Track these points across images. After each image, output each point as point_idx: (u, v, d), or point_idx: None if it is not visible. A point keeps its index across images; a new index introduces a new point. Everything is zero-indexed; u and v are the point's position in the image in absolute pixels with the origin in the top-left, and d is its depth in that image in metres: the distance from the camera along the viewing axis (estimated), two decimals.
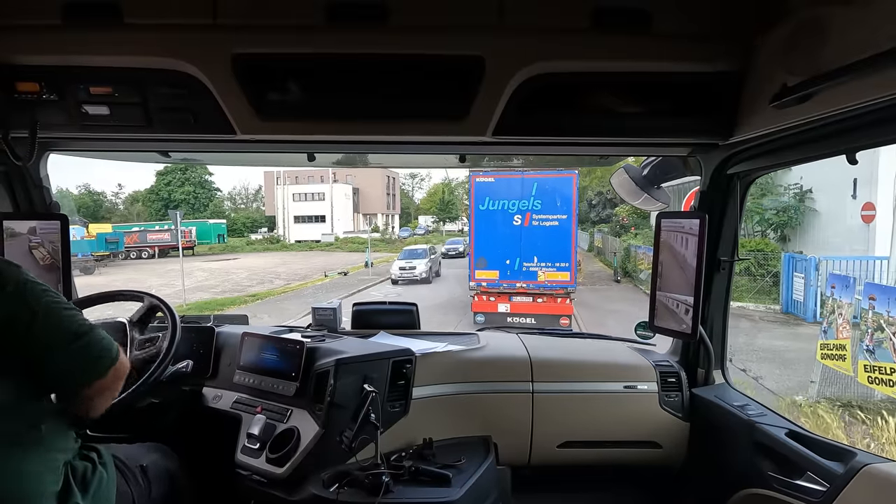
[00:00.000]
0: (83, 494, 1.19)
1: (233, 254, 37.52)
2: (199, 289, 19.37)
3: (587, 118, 1.54)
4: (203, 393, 2.01)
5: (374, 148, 1.89)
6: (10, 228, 1.86)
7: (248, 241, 46.11)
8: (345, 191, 50.90)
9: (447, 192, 58.07)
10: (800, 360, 8.43)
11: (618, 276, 19.81)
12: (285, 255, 37.37)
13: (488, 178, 10.84)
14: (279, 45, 1.41)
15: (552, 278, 10.67)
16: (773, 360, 8.47)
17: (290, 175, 49.64)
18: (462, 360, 2.08)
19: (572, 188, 10.58)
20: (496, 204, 10.92)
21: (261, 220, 56.25)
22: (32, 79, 1.46)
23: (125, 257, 31.17)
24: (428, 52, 1.42)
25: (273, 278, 23.22)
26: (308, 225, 48.39)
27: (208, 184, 53.19)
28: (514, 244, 10.82)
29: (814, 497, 1.43)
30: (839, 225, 12.30)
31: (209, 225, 41.36)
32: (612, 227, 27.44)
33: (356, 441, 1.65)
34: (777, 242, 14.26)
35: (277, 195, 50.28)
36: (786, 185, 13.86)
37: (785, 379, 7.49)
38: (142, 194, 53.29)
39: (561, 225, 10.67)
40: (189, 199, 50.81)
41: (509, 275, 10.85)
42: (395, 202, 60.82)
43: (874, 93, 1.04)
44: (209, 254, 37.09)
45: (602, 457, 2.08)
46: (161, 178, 50.84)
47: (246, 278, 22.99)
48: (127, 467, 1.45)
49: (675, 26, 1.38)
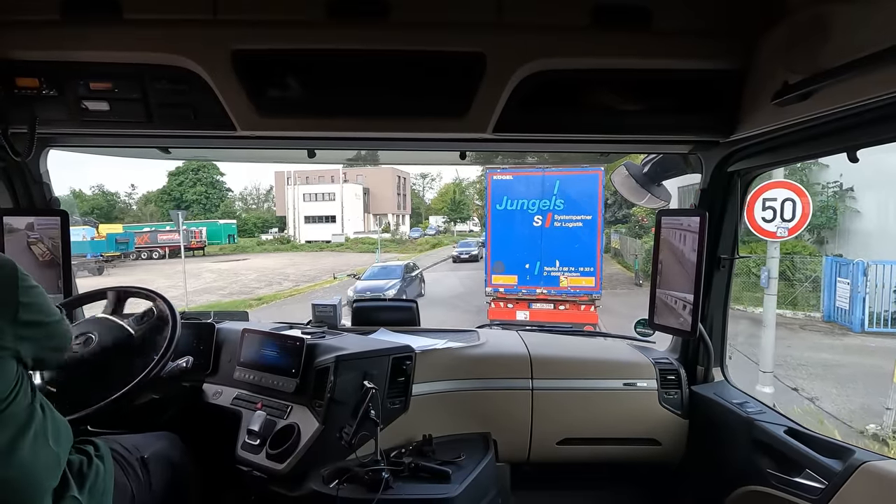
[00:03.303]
0: (80, 489, 1.18)
1: (243, 254, 37.70)
2: (206, 291, 19.13)
3: (588, 115, 1.54)
4: (203, 389, 2.02)
5: (374, 144, 1.89)
6: (11, 224, 1.86)
7: (258, 241, 46.31)
8: (355, 191, 50.88)
9: (458, 192, 57.92)
10: (856, 378, 7.63)
11: (639, 279, 19.02)
12: (295, 255, 37.50)
13: (506, 175, 10.07)
14: (279, 41, 1.41)
15: (575, 284, 9.91)
16: (826, 377, 7.65)
17: (301, 175, 49.86)
18: (462, 357, 2.09)
19: (598, 186, 9.80)
20: (514, 203, 10.13)
21: (272, 220, 56.44)
22: (32, 74, 1.45)
23: (136, 258, 31.17)
24: (428, 48, 1.41)
25: (282, 280, 23.09)
26: (318, 225, 48.49)
27: (220, 184, 53.55)
28: (534, 247, 10.03)
29: (812, 494, 1.43)
30: (884, 226, 11.42)
31: (219, 225, 41.70)
32: (630, 228, 26.96)
33: (356, 437, 1.65)
34: (813, 245, 13.35)
35: (288, 195, 50.39)
36: (824, 182, 12.93)
37: (844, 400, 6.69)
38: (154, 195, 53.55)
39: (585, 226, 9.88)
40: (201, 199, 51.18)
41: (529, 280, 10.08)
42: (406, 202, 60.82)
43: (876, 91, 1.03)
44: (219, 254, 37.43)
45: (601, 454, 2.09)
46: (173, 178, 51.20)
47: (254, 280, 22.87)
48: (126, 460, 1.44)
49: (676, 23, 1.38)
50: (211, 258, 34.31)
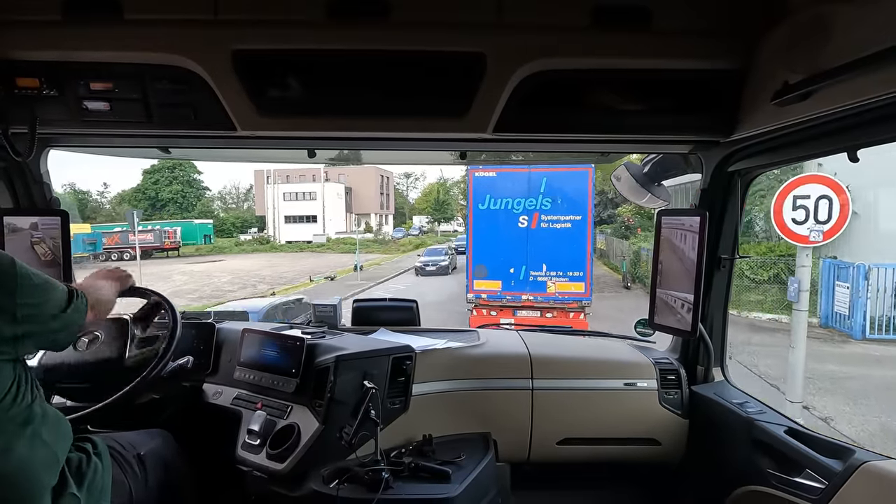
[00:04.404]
0: (78, 486, 1.20)
1: (219, 255, 37.11)
2: (175, 294, 18.21)
3: (588, 115, 1.53)
4: (203, 389, 2.02)
5: (374, 144, 1.88)
6: (13, 224, 1.87)
7: (236, 241, 45.80)
8: (337, 190, 50.33)
9: (442, 191, 57.39)
10: (868, 392, 7.06)
11: (627, 281, 18.55)
12: (274, 256, 36.93)
13: (489, 172, 9.34)
14: (279, 41, 1.41)
15: (564, 290, 9.24)
16: (836, 392, 7.05)
17: (281, 174, 49.33)
18: (462, 357, 2.09)
19: (587, 184, 9.15)
20: (498, 203, 9.45)
21: (251, 220, 55.81)
22: (32, 74, 1.45)
23: (105, 258, 30.23)
24: (429, 48, 1.42)
25: (257, 282, 22.30)
26: (299, 225, 47.92)
27: (197, 183, 53.02)
28: (519, 250, 9.37)
29: (812, 494, 1.43)
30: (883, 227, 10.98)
31: (195, 225, 41.28)
32: (615, 229, 26.63)
33: (356, 437, 1.64)
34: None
35: (267, 194, 49.83)
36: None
37: (861, 420, 6.08)
38: (128, 193, 52.83)
39: (574, 227, 9.23)
40: (177, 198, 50.66)
41: (514, 285, 9.42)
42: (389, 202, 60.40)
43: (876, 90, 1.03)
44: (195, 255, 36.78)
45: (601, 454, 2.09)
46: (148, 176, 50.47)
47: (228, 282, 21.94)
48: (123, 457, 1.45)
49: (676, 23, 1.37)
50: (185, 259, 33.67)
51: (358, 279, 21.24)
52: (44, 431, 1.13)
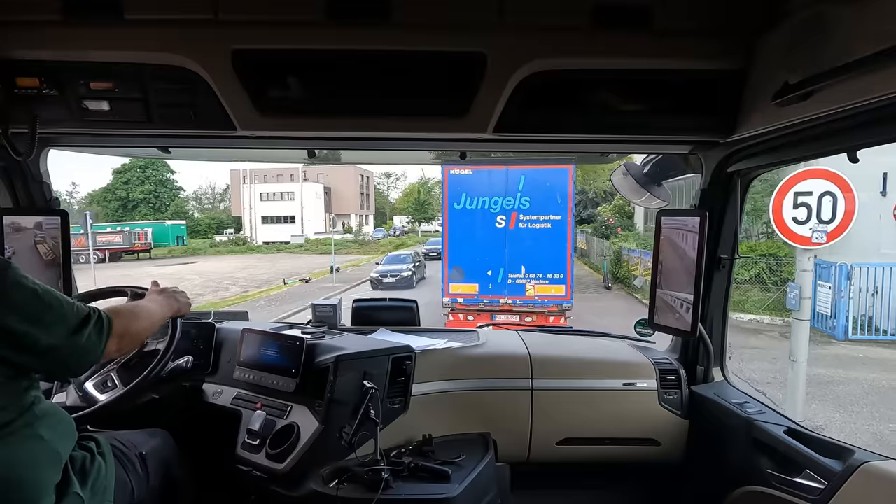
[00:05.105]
0: (82, 485, 1.19)
1: (193, 257, 36.31)
2: None
3: (588, 115, 1.54)
4: (203, 389, 2.02)
5: (374, 144, 1.88)
6: (17, 223, 1.87)
7: (211, 242, 44.92)
8: (316, 190, 49.56)
9: (423, 191, 56.76)
10: (856, 397, 6.83)
11: (608, 282, 18.32)
12: (250, 258, 36.16)
13: (465, 170, 8.86)
14: (280, 41, 1.41)
15: (544, 293, 8.85)
16: (825, 398, 6.77)
17: (258, 173, 48.47)
18: (462, 357, 2.09)
19: (568, 183, 8.77)
20: (475, 202, 8.96)
21: (227, 220, 54.69)
22: (32, 74, 1.45)
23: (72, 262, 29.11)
24: (429, 48, 1.42)
25: (230, 285, 21.46)
26: (277, 226, 47.16)
27: (170, 182, 51.79)
28: (496, 251, 8.92)
29: (812, 494, 1.44)
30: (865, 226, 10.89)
31: (167, 226, 40.35)
32: (595, 228, 26.50)
33: (356, 437, 1.65)
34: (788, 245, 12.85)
35: (244, 194, 48.82)
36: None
37: (853, 429, 5.81)
38: (98, 194, 51.20)
39: (554, 227, 8.82)
40: (149, 198, 49.47)
41: (491, 289, 8.96)
42: (370, 202, 59.87)
43: (876, 91, 1.03)
44: (168, 257, 35.98)
45: (601, 454, 2.09)
46: (119, 176, 49.05)
47: (199, 285, 20.92)
48: (126, 456, 1.45)
49: (677, 24, 1.38)
50: (156, 261, 32.83)
51: (333, 281, 20.59)
52: (46, 430, 1.12)
